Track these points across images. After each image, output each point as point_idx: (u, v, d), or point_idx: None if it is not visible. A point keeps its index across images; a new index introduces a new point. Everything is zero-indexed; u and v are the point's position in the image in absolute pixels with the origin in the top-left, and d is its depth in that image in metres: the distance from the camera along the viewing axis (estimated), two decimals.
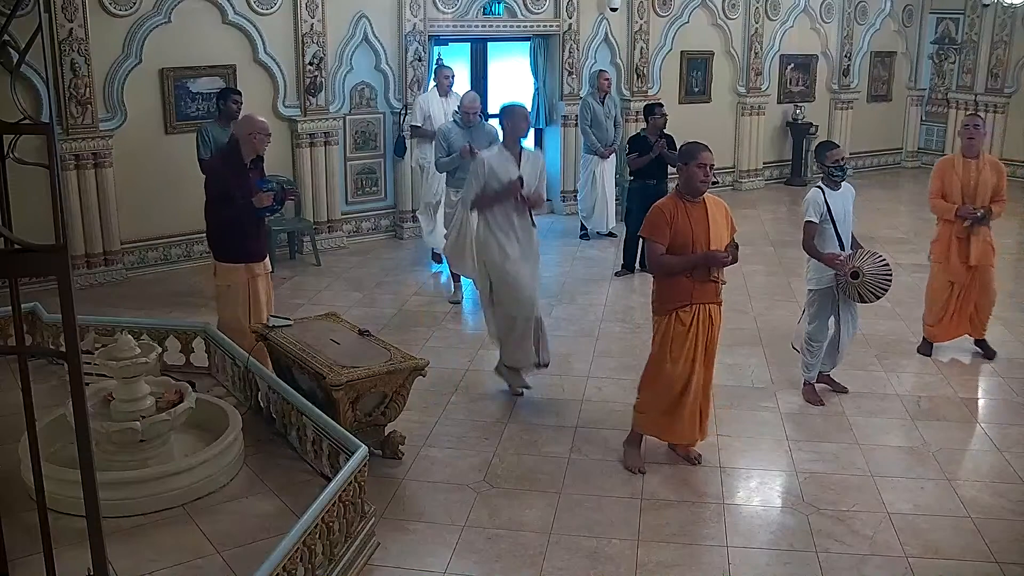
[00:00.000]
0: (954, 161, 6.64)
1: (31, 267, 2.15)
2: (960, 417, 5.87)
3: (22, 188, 4.25)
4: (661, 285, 4.99)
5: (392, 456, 5.12)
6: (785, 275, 8.97)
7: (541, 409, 5.89)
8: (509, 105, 5.95)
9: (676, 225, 4.82)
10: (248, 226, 5.82)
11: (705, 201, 4.91)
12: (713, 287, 4.92)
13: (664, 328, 4.94)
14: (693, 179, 4.84)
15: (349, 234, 9.97)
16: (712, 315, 4.95)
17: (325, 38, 9.33)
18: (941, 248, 6.73)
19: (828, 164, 5.85)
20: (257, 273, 5.94)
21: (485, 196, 5.74)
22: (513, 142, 5.81)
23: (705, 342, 4.94)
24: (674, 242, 4.83)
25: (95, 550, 2.30)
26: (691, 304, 4.88)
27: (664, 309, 4.95)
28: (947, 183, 6.58)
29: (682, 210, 4.86)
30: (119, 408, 4.57)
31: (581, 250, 9.91)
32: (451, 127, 7.82)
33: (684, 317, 4.88)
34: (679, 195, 4.92)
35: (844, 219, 5.86)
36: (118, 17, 8.25)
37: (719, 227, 4.89)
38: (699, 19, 12.23)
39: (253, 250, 5.90)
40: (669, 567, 4.22)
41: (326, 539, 3.82)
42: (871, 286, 5.68)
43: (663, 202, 4.98)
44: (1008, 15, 13.25)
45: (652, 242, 4.88)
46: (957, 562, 4.29)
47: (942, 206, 6.63)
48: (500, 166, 5.71)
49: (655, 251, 4.86)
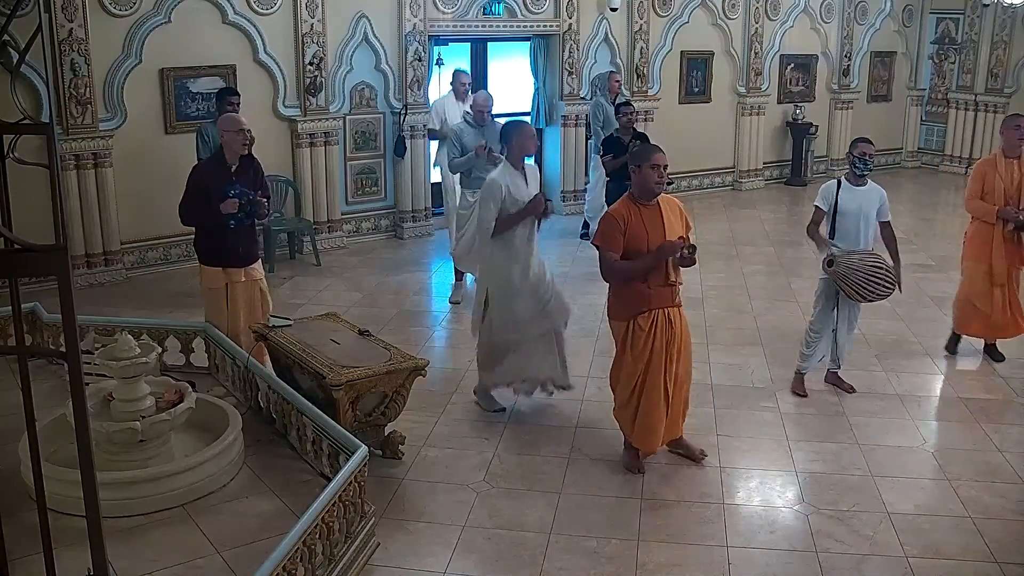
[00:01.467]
0: (995, 161, 6.50)
1: (31, 267, 2.15)
2: (960, 417, 5.86)
3: (22, 188, 4.26)
4: (618, 293, 4.94)
5: (392, 456, 5.12)
6: (785, 275, 8.96)
7: (541, 409, 5.88)
8: (517, 123, 5.80)
9: (630, 230, 4.77)
10: (224, 229, 5.67)
11: (659, 202, 4.86)
12: (670, 291, 4.87)
13: (624, 333, 4.90)
14: (647, 181, 4.78)
15: (349, 234, 9.97)
16: (671, 318, 4.88)
17: (325, 38, 9.33)
18: (977, 248, 6.58)
19: (853, 155, 5.86)
20: (237, 279, 5.82)
21: (506, 219, 5.51)
22: (519, 160, 5.63)
23: (667, 344, 4.87)
24: (629, 247, 4.77)
25: (95, 550, 2.30)
26: (649, 310, 4.83)
27: (622, 315, 4.91)
28: (988, 183, 6.44)
29: (636, 214, 4.80)
30: (119, 408, 4.57)
31: (581, 250, 9.90)
32: (463, 127, 7.77)
33: (643, 322, 4.83)
34: (632, 198, 4.86)
35: (858, 217, 5.80)
36: (118, 17, 8.25)
37: (674, 227, 4.84)
38: (699, 19, 12.23)
39: (232, 255, 5.76)
40: (669, 567, 4.22)
41: (326, 539, 3.83)
42: (848, 280, 5.65)
43: (615, 208, 4.91)
44: (1008, 15, 13.25)
45: (605, 251, 4.80)
46: (957, 562, 4.28)
47: (982, 207, 6.48)
48: (513, 185, 5.54)
49: (608, 259, 4.79)
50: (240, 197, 5.64)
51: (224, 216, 5.62)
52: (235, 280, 5.83)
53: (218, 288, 5.85)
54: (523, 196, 5.52)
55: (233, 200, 5.62)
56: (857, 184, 5.85)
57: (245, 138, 5.73)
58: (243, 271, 5.84)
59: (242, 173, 5.76)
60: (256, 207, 5.72)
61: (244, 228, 5.76)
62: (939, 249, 9.90)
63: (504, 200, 5.45)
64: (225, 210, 5.60)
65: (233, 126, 5.73)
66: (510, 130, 5.69)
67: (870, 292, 5.69)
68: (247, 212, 5.68)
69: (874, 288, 5.68)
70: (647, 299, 4.82)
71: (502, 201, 5.45)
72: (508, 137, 5.67)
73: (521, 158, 5.65)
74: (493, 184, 5.50)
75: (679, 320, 4.94)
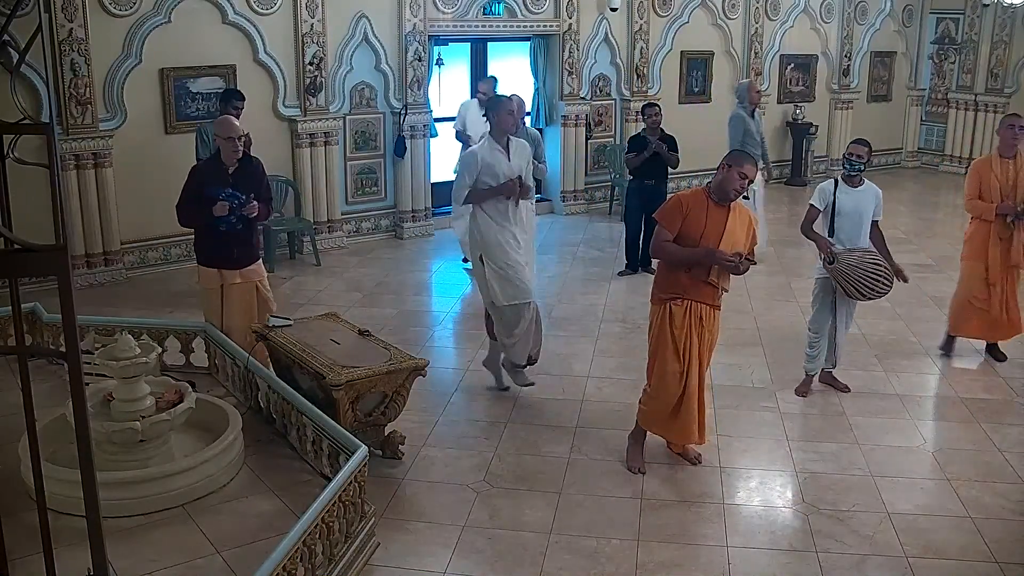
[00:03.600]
0: (991, 161, 6.54)
1: (31, 267, 2.15)
2: (960, 417, 5.87)
3: (22, 188, 4.26)
4: (660, 273, 5.02)
5: (392, 456, 5.12)
6: (785, 275, 8.96)
7: (541, 409, 5.88)
8: (495, 98, 6.06)
9: (690, 218, 4.80)
10: (219, 232, 5.63)
11: (731, 208, 4.86)
12: (710, 290, 4.88)
13: (658, 319, 4.95)
14: (729, 183, 4.79)
15: (349, 234, 9.97)
16: (703, 316, 4.89)
17: (325, 38, 9.33)
18: (976, 246, 6.61)
19: (845, 154, 5.93)
20: (231, 281, 5.79)
21: (478, 192, 5.75)
22: (499, 134, 5.79)
23: (697, 342, 4.89)
24: (683, 233, 4.81)
25: (95, 550, 2.30)
26: (682, 299, 4.86)
27: (659, 299, 4.97)
28: (985, 183, 6.48)
29: (703, 206, 4.82)
30: (119, 408, 4.57)
31: (581, 250, 9.91)
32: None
33: (676, 311, 4.87)
34: (708, 192, 4.89)
35: (855, 216, 5.83)
36: (118, 17, 8.25)
37: (735, 236, 4.82)
38: (699, 19, 12.23)
39: (225, 256, 5.73)
40: (669, 567, 4.22)
41: (326, 539, 3.82)
42: (850, 279, 5.66)
43: (686, 193, 4.97)
44: (1008, 15, 13.25)
45: (660, 227, 4.87)
46: (957, 562, 4.29)
47: (980, 206, 6.51)
48: (491, 159, 5.71)
49: (660, 236, 4.86)
50: (230, 200, 5.57)
51: (216, 219, 5.58)
52: (229, 281, 5.80)
53: (212, 288, 5.85)
54: (500, 171, 5.71)
55: (223, 203, 5.56)
56: (853, 184, 5.88)
57: (236, 147, 5.63)
58: (238, 273, 5.80)
59: (240, 174, 5.70)
60: (245, 211, 5.61)
61: (238, 231, 5.68)
62: (939, 249, 9.89)
63: (479, 172, 5.71)
64: (216, 213, 5.56)
65: (225, 133, 5.62)
66: (490, 106, 5.94)
67: (870, 289, 5.70)
68: (238, 216, 5.61)
69: (873, 285, 5.69)
70: (683, 287, 4.85)
71: (476, 172, 5.72)
72: (487, 112, 5.96)
73: (502, 132, 5.79)
74: (470, 155, 5.87)
75: (712, 320, 4.95)
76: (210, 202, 5.57)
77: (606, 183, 11.82)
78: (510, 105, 5.90)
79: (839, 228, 5.83)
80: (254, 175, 5.82)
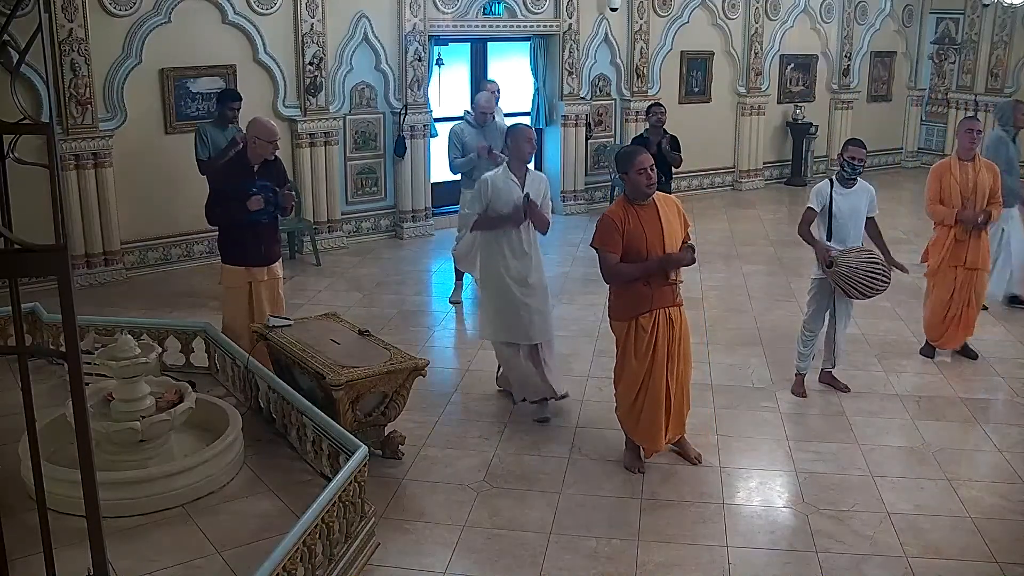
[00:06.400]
0: (950, 164, 6.61)
1: (31, 267, 2.15)
2: (960, 417, 5.87)
3: (22, 188, 4.25)
4: (619, 293, 4.96)
5: (392, 456, 5.12)
6: (785, 275, 8.96)
7: (541, 409, 5.87)
8: (513, 126, 5.85)
9: (628, 230, 4.78)
10: (247, 229, 5.75)
11: (655, 201, 4.87)
12: (670, 290, 4.89)
13: (625, 334, 4.93)
14: (638, 186, 4.79)
15: (349, 234, 9.97)
16: (672, 317, 4.91)
17: (325, 38, 9.33)
18: (938, 254, 6.64)
19: (843, 158, 5.90)
20: (260, 279, 5.88)
21: (488, 218, 5.62)
22: (518, 164, 5.67)
23: (668, 344, 4.89)
24: (628, 247, 4.79)
25: (95, 550, 2.30)
26: (651, 310, 4.85)
27: (624, 316, 4.93)
28: (945, 187, 6.54)
29: (632, 214, 4.82)
30: (119, 408, 4.57)
31: (581, 250, 9.90)
32: (463, 127, 7.72)
33: (644, 323, 4.86)
34: (627, 200, 4.88)
35: (851, 216, 5.85)
36: (118, 17, 8.25)
37: (672, 225, 4.86)
38: (699, 19, 12.23)
39: (254, 254, 5.83)
40: (669, 567, 4.22)
41: (326, 539, 3.82)
42: (851, 280, 5.67)
43: (612, 210, 4.92)
44: (1008, 15, 13.24)
45: (605, 252, 4.82)
46: (957, 562, 4.29)
47: (942, 211, 6.57)
48: (504, 187, 5.59)
49: (609, 261, 4.81)
50: (264, 193, 5.72)
51: (251, 214, 5.69)
52: (258, 279, 5.89)
53: (238, 287, 5.89)
54: (511, 201, 5.55)
55: (258, 197, 5.70)
56: (847, 186, 5.88)
57: (277, 148, 5.86)
58: (266, 270, 5.90)
59: (264, 171, 5.84)
60: (282, 200, 5.82)
61: (268, 227, 5.85)
62: None
63: (490, 199, 5.56)
64: (251, 207, 5.67)
65: (268, 136, 5.77)
66: (507, 134, 5.81)
67: (869, 288, 5.71)
68: (274, 206, 5.79)
69: (872, 284, 5.70)
70: (649, 299, 4.84)
71: (488, 199, 5.57)
72: (506, 140, 5.82)
73: (521, 162, 5.67)
74: (482, 183, 5.66)
75: (680, 319, 4.96)
76: (243, 198, 5.64)
77: (606, 183, 11.82)
78: (529, 133, 5.75)
79: (836, 230, 5.84)
80: (278, 171, 5.96)
